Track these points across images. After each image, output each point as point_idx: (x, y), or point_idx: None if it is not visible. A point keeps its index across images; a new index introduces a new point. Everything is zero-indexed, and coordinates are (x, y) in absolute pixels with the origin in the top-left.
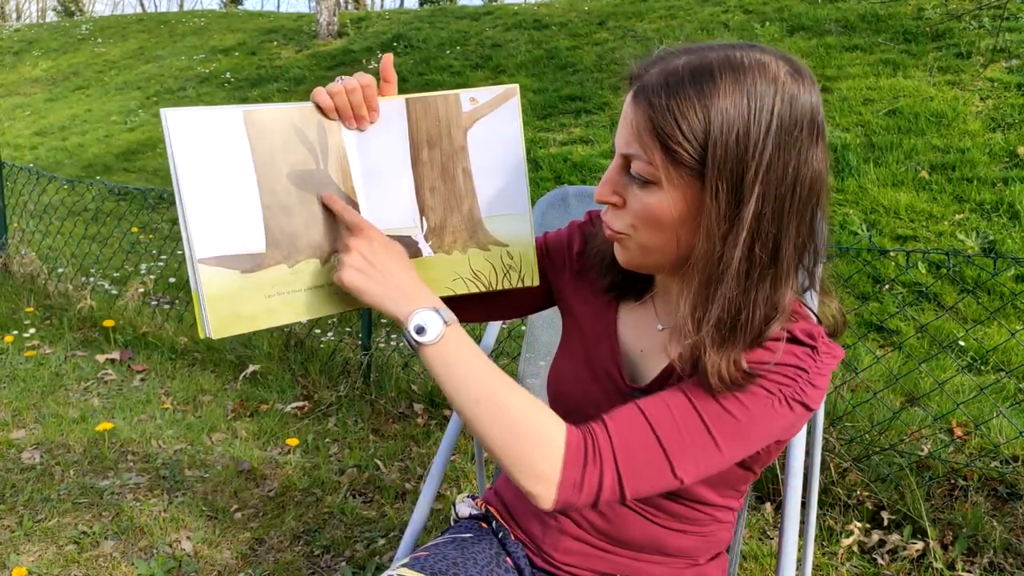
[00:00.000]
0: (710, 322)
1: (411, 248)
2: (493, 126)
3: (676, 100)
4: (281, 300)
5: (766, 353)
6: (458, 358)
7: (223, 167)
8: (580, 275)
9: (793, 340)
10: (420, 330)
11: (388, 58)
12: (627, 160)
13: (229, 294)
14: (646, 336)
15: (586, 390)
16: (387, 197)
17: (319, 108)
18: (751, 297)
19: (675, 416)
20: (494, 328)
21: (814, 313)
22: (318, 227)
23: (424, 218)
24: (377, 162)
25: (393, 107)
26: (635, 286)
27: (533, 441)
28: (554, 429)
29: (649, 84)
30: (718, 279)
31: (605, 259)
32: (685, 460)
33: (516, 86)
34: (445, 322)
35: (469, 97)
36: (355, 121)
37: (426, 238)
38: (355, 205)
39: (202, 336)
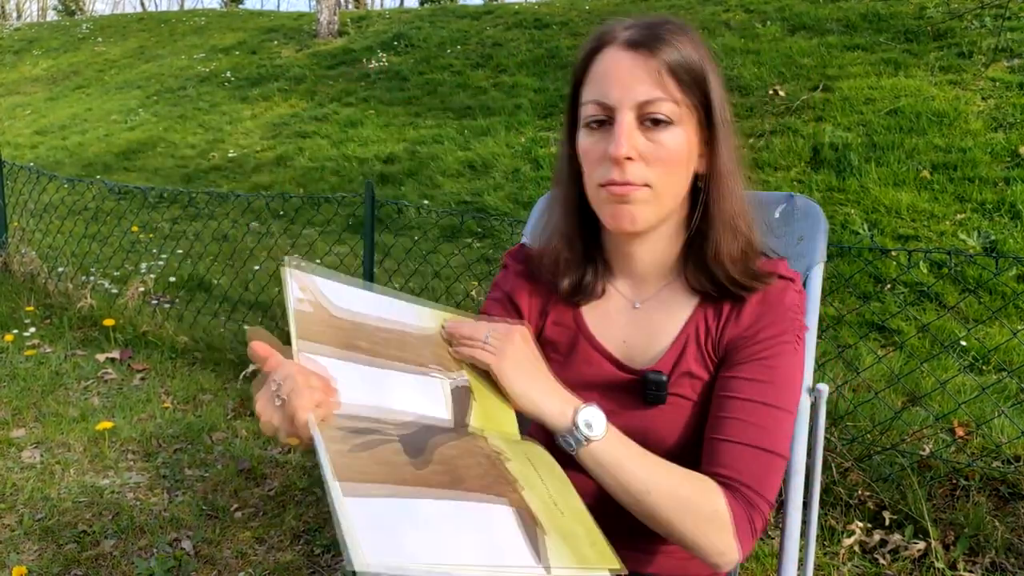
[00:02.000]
0: (739, 227)
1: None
2: None
3: (678, 44)
4: None
5: (781, 307)
6: (625, 452)
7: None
8: (533, 307)
9: (783, 278)
10: (589, 425)
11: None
12: (643, 110)
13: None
14: (623, 323)
15: (582, 395)
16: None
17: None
18: (742, 203)
19: (762, 423)
20: None
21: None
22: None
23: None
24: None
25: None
26: (593, 283)
27: (704, 522)
28: (715, 499)
29: (644, 36)
30: (730, 190)
31: (558, 265)
32: (784, 443)
33: None
34: (605, 418)
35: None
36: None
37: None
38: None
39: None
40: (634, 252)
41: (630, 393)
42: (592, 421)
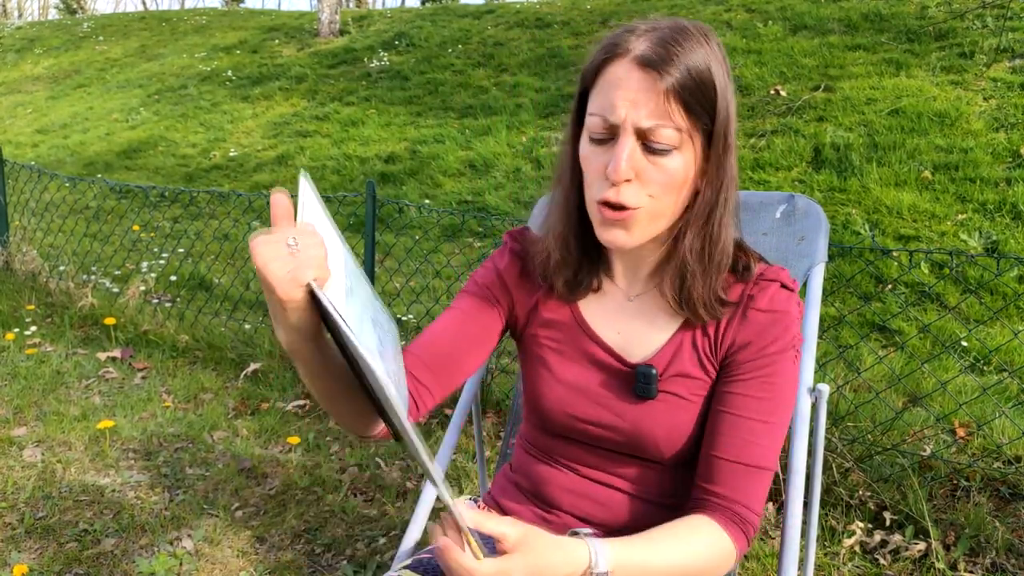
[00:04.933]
0: (697, 258)
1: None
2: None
3: (692, 63)
4: None
5: (787, 320)
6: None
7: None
8: (524, 287)
9: (784, 287)
10: None
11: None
12: (645, 133)
13: None
14: (617, 313)
15: (573, 387)
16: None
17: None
18: (728, 232)
19: (758, 441)
20: None
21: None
22: None
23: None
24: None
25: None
26: (587, 279)
27: (716, 566)
28: (718, 542)
29: (657, 53)
30: (708, 219)
31: (547, 267)
32: (775, 457)
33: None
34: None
35: None
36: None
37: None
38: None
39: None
40: (615, 257)
41: (623, 385)
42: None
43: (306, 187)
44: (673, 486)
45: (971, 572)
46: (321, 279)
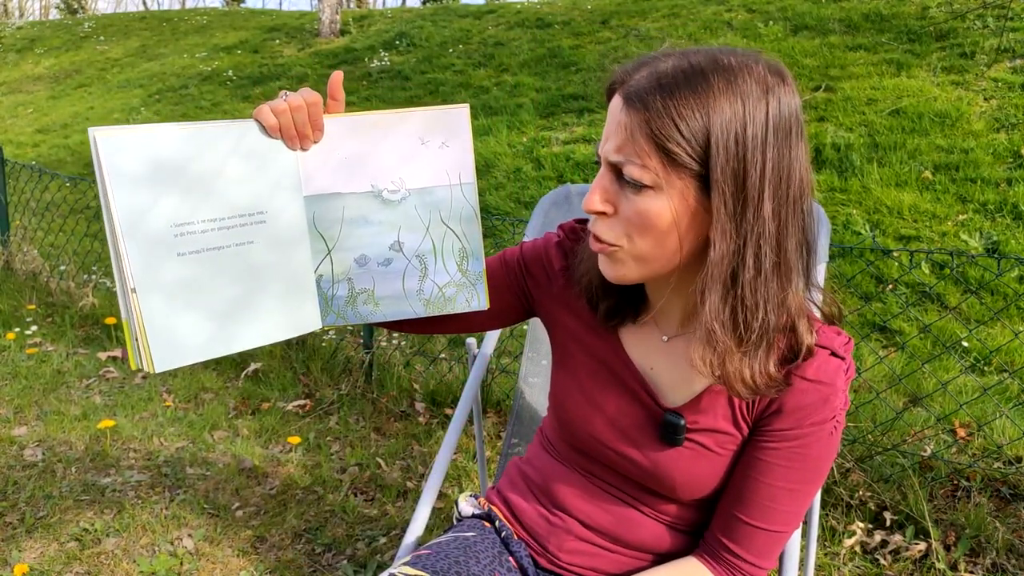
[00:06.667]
0: (727, 324)
1: None
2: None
3: (673, 101)
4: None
5: (832, 390)
6: None
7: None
8: (567, 289)
9: (834, 355)
10: None
11: (338, 76)
12: (617, 167)
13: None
14: (653, 351)
15: (600, 410)
16: None
17: (261, 127)
18: (764, 296)
19: (784, 508)
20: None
21: (818, 307)
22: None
23: None
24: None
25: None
26: (633, 307)
27: None
28: None
29: (640, 87)
30: (734, 279)
31: (593, 285)
32: (798, 521)
33: (466, 106)
34: None
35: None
36: (298, 141)
37: None
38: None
39: (135, 367)
40: (652, 293)
41: (649, 424)
42: None
43: (417, 119)
44: (690, 515)
45: (971, 572)
46: (262, 123)
